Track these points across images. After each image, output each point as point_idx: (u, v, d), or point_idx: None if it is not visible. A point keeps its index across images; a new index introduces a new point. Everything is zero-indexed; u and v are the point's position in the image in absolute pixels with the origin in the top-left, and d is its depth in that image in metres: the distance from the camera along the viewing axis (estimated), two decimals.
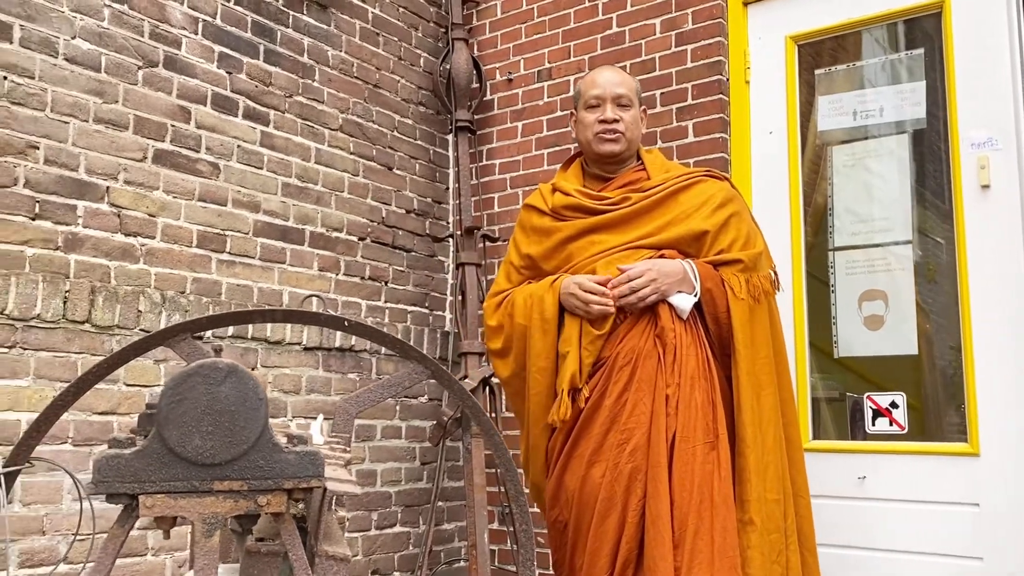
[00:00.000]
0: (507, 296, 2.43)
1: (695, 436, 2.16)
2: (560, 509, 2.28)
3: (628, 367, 2.20)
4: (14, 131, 2.37)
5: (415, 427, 3.44)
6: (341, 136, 3.31)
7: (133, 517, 1.24)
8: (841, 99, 3.06)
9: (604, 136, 2.35)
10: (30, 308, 2.31)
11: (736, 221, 2.34)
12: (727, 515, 2.14)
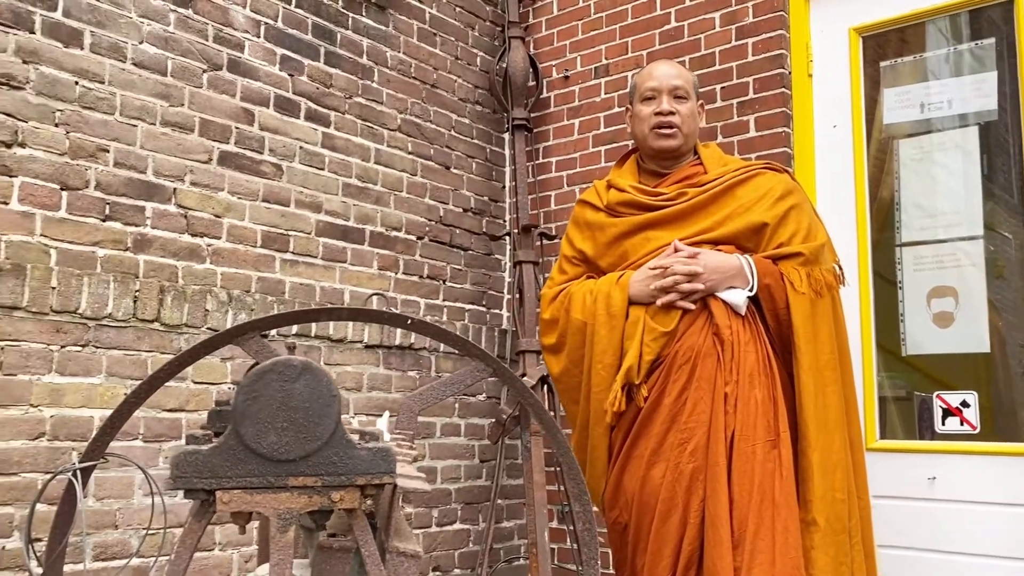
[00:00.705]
0: (563, 290, 2.41)
1: (755, 435, 2.12)
2: (620, 510, 2.26)
3: (687, 365, 2.17)
4: (85, 135, 2.43)
5: (474, 425, 3.45)
6: (399, 136, 3.33)
7: (210, 512, 1.26)
8: (908, 91, 2.99)
9: (660, 131, 2.31)
10: (102, 307, 2.37)
11: (796, 213, 2.29)
12: (789, 515, 2.10)
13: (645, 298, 2.22)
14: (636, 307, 2.24)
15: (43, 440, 2.25)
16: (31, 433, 2.23)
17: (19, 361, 2.22)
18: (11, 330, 2.21)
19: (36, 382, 2.25)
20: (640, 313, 2.22)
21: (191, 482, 1.22)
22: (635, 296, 2.24)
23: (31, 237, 2.30)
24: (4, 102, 2.27)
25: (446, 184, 3.51)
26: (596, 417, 2.27)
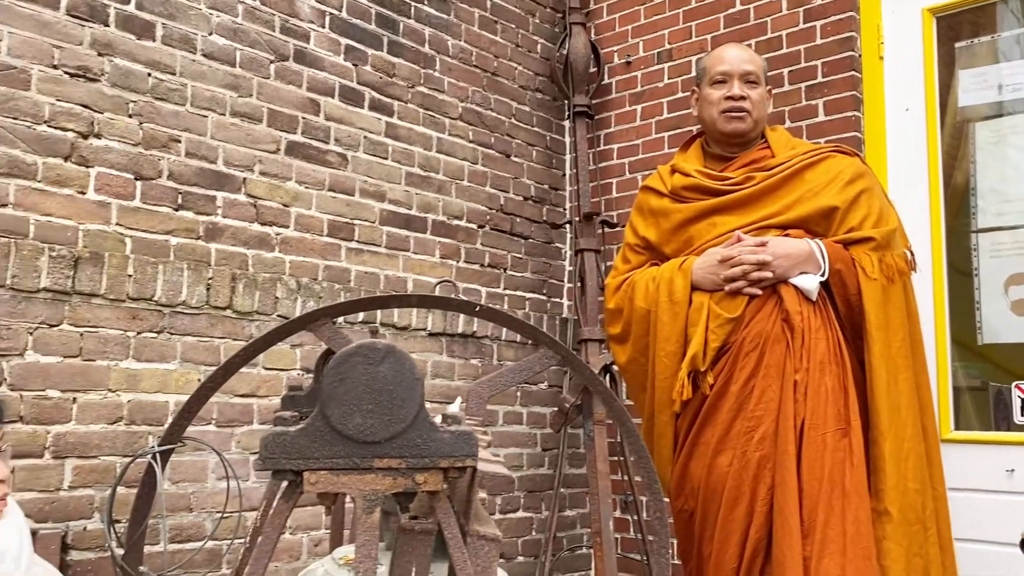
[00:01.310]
0: (627, 279, 2.40)
1: (825, 423, 2.10)
2: (685, 498, 2.26)
3: (755, 352, 2.15)
4: (158, 125, 2.48)
5: (536, 413, 3.46)
6: (460, 125, 3.34)
7: (297, 493, 1.29)
8: (984, 73, 2.91)
9: (730, 114, 2.29)
10: (176, 295, 2.42)
11: (867, 197, 2.25)
12: (860, 504, 2.07)
13: (709, 285, 2.21)
14: (700, 293, 2.22)
15: (121, 424, 2.31)
16: (109, 417, 2.29)
17: (98, 347, 2.28)
18: (90, 317, 2.27)
19: (114, 367, 2.31)
20: (704, 299, 2.21)
21: (279, 463, 1.25)
22: (699, 282, 2.23)
23: (107, 226, 2.36)
24: (80, 94, 2.33)
25: (506, 172, 3.51)
26: (661, 405, 2.27)
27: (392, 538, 1.50)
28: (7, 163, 2.19)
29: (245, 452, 2.54)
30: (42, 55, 2.27)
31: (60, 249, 2.23)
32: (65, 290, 2.22)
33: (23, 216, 2.21)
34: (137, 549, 1.87)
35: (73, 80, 2.32)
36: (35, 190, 2.24)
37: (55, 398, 2.20)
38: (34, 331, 2.18)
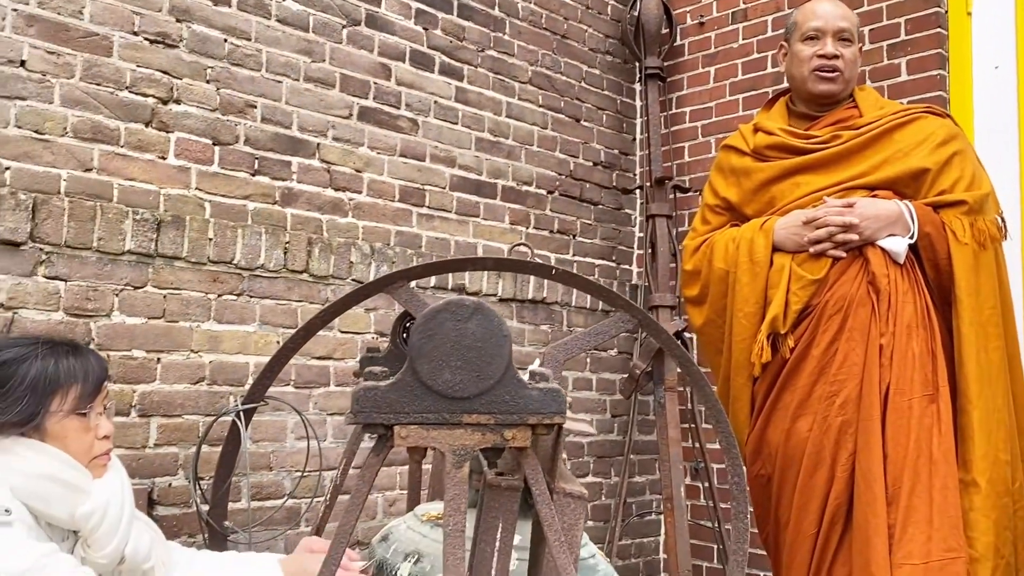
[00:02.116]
0: (705, 240, 2.38)
1: (912, 388, 2.06)
2: (762, 463, 2.24)
3: (839, 315, 2.12)
4: (234, 91, 2.52)
5: (605, 380, 3.46)
6: (530, 89, 3.33)
7: (387, 447, 1.31)
8: None
9: (822, 74, 2.24)
10: (255, 258, 2.47)
11: (960, 160, 2.19)
12: (948, 472, 2.04)
13: (793, 246, 2.17)
14: (781, 254, 2.19)
15: (203, 384, 2.37)
16: (192, 377, 2.35)
17: (180, 309, 2.34)
18: (173, 279, 2.33)
19: (196, 329, 2.37)
20: (786, 260, 2.17)
21: (371, 416, 1.27)
22: (781, 243, 2.19)
23: (187, 191, 2.41)
24: (160, 60, 2.37)
25: (576, 137, 3.49)
26: (738, 368, 2.25)
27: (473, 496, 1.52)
28: (91, 128, 2.24)
29: (323, 413, 2.59)
30: (123, 22, 2.31)
31: (143, 213, 2.28)
32: (149, 253, 2.28)
33: (107, 180, 2.27)
34: (221, 505, 1.93)
35: (153, 46, 2.36)
36: (118, 155, 2.29)
37: (140, 358, 2.27)
38: (120, 293, 2.24)
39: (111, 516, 1.59)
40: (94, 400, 1.63)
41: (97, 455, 1.63)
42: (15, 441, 1.52)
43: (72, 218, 2.15)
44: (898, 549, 1.99)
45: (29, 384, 1.54)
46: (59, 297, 2.14)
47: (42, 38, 2.17)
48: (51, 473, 1.52)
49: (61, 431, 1.57)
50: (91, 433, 1.62)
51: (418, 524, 1.64)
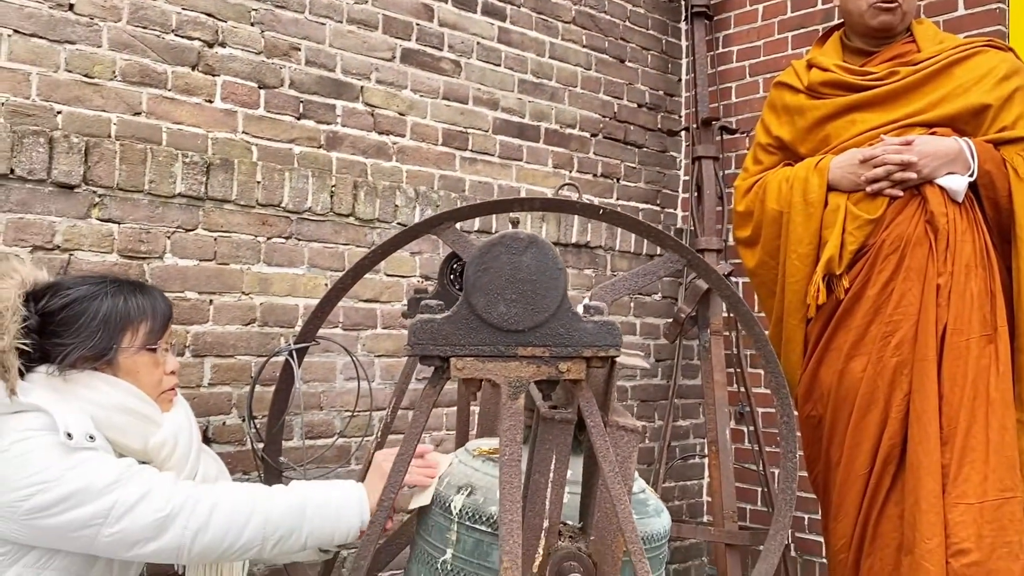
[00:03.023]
0: (758, 181, 2.36)
1: (969, 328, 2.05)
2: (814, 404, 2.25)
3: (895, 255, 2.11)
4: (278, 33, 2.52)
5: (649, 324, 3.47)
6: (574, 29, 3.29)
7: (444, 378, 1.34)
8: None
9: (880, 5, 2.20)
10: (302, 201, 2.50)
11: (1022, 95, 2.16)
12: (1006, 413, 2.04)
13: (848, 185, 2.15)
14: (836, 194, 2.18)
15: (254, 326, 2.42)
16: (244, 319, 2.40)
17: (231, 251, 2.38)
18: (223, 222, 2.37)
19: (246, 271, 2.41)
20: (841, 200, 2.16)
21: (427, 348, 1.29)
22: (836, 182, 2.17)
23: (234, 134, 2.43)
24: (205, 2, 2.38)
25: (620, 78, 3.46)
26: (791, 309, 2.25)
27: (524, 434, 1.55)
28: (139, 72, 2.27)
29: (370, 355, 2.64)
30: None
31: (192, 156, 2.31)
32: (199, 196, 2.32)
33: (156, 124, 2.30)
34: (275, 443, 1.98)
35: None
36: (166, 98, 2.32)
37: (193, 299, 2.32)
38: (171, 235, 2.28)
39: (181, 446, 1.65)
40: (162, 336, 1.68)
41: (165, 389, 1.69)
42: (91, 375, 1.57)
43: (123, 161, 2.19)
44: (952, 488, 1.99)
45: (101, 320, 1.59)
46: (113, 239, 2.19)
47: None
48: (126, 405, 1.58)
49: (133, 366, 1.62)
50: (160, 368, 1.68)
51: (470, 459, 1.68)
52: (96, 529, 1.44)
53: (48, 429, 1.46)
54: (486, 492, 1.54)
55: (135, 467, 1.51)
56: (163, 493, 1.49)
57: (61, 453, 1.45)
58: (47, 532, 1.45)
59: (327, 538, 1.59)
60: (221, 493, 1.55)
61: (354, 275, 1.90)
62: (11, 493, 1.43)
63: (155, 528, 1.46)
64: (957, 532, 1.97)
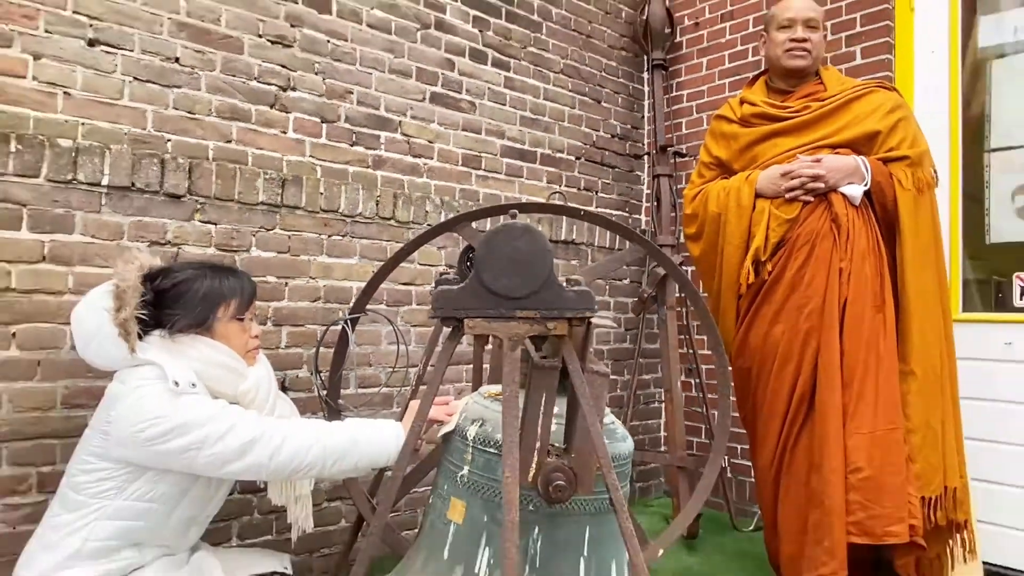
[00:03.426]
0: (701, 191, 2.35)
1: (864, 301, 2.04)
2: (744, 359, 2.24)
3: (807, 246, 2.10)
4: (336, 80, 2.52)
5: (620, 302, 3.46)
6: (562, 78, 3.27)
7: (459, 334, 1.34)
8: (1002, 17, 2.67)
9: (794, 52, 2.18)
10: (354, 208, 2.49)
11: (904, 124, 2.14)
12: (891, 366, 2.03)
13: (772, 193, 2.15)
14: (762, 200, 2.17)
15: (319, 302, 2.42)
16: (311, 297, 2.40)
17: (301, 246, 2.38)
18: (295, 224, 2.36)
19: (312, 261, 2.40)
20: (766, 204, 2.15)
21: (446, 312, 1.29)
22: (762, 190, 2.16)
23: (303, 157, 2.43)
24: (280, 56, 2.38)
25: (597, 115, 3.44)
26: (727, 287, 2.24)
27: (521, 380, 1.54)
28: (230, 110, 2.26)
29: (407, 325, 2.63)
30: (250, 26, 2.31)
31: (271, 173, 2.31)
32: (276, 204, 2.31)
33: (243, 149, 2.29)
34: (335, 391, 1.98)
35: (273, 46, 2.36)
36: (250, 130, 2.31)
37: (273, 282, 2.32)
38: (256, 234, 2.28)
39: (262, 392, 1.66)
40: (248, 310, 1.68)
41: (250, 349, 1.70)
42: (194, 338, 1.58)
43: (218, 177, 2.19)
44: (850, 423, 1.99)
45: (202, 296, 1.59)
46: (211, 236, 2.19)
47: (190, 40, 2.18)
48: (220, 361, 1.58)
49: (225, 332, 1.63)
50: (246, 334, 1.68)
51: (482, 399, 1.68)
52: (196, 452, 1.45)
53: (160, 378, 1.47)
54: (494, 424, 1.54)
55: (226, 407, 1.52)
56: (246, 426, 1.49)
57: (169, 396, 1.45)
58: (159, 456, 1.45)
59: (372, 462, 1.60)
60: (291, 427, 1.55)
61: (393, 263, 1.90)
62: (131, 427, 1.44)
63: (239, 452, 1.47)
64: (853, 455, 1.97)
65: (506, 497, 1.25)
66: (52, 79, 1.94)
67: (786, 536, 2.10)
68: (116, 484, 1.47)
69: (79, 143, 1.96)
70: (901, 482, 1.94)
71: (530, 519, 1.44)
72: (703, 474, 1.95)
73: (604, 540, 1.52)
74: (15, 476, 1.84)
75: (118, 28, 2.04)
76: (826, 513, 1.96)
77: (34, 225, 1.89)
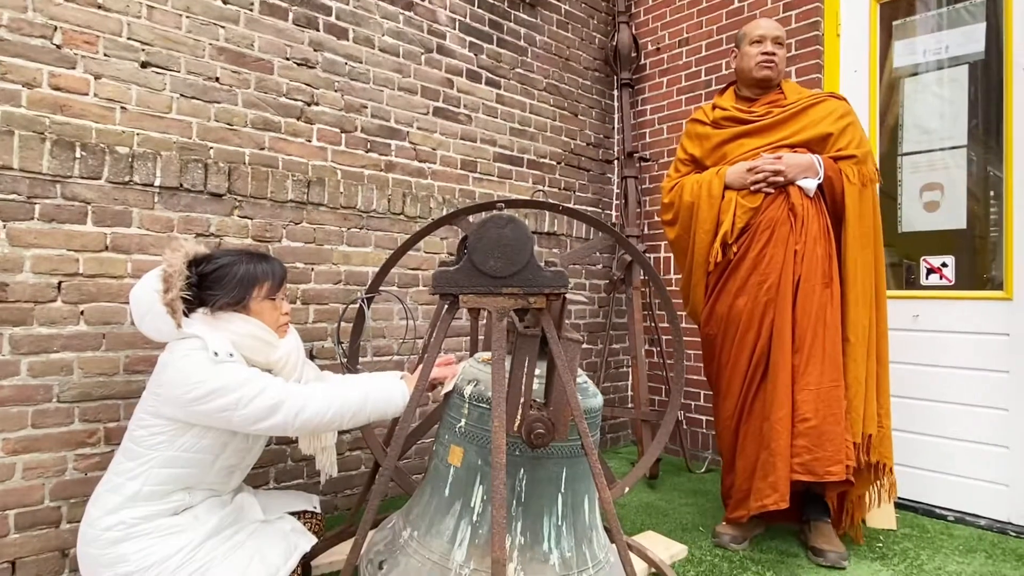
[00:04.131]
0: (677, 183, 2.33)
1: (815, 278, 2.03)
2: (712, 326, 2.23)
3: (768, 231, 2.08)
4: (354, 96, 2.49)
5: (594, 284, 3.45)
6: (544, 94, 3.25)
7: (455, 308, 1.33)
8: (913, 42, 2.66)
9: (763, 64, 2.17)
10: (369, 205, 2.47)
11: (852, 128, 2.13)
12: (835, 333, 2.02)
13: (739, 185, 2.13)
14: (730, 191, 2.15)
15: (340, 284, 2.40)
16: (333, 280, 2.39)
17: (324, 237, 2.36)
18: (319, 218, 2.34)
19: (334, 250, 2.39)
20: (733, 195, 2.13)
21: (444, 288, 1.29)
22: (730, 183, 2.15)
23: (325, 162, 2.41)
24: (305, 76, 2.35)
25: (575, 126, 3.42)
26: (698, 264, 2.22)
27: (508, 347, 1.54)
28: (263, 122, 2.24)
29: (415, 303, 2.62)
30: (279, 50, 2.28)
31: (298, 176, 2.29)
32: (303, 201, 2.29)
33: (274, 155, 2.27)
34: (354, 359, 1.98)
35: (299, 67, 2.33)
36: (281, 139, 2.29)
37: (301, 268, 2.30)
38: (286, 227, 2.26)
39: (291, 360, 1.65)
40: (279, 290, 1.67)
41: (281, 324, 1.68)
42: (232, 315, 1.57)
43: (253, 179, 2.17)
44: (800, 380, 1.99)
45: (239, 279, 1.58)
46: (248, 229, 2.17)
47: (228, 62, 2.15)
48: (255, 335, 1.57)
49: (260, 309, 1.62)
50: (278, 311, 1.67)
51: (477, 363, 1.67)
52: (231, 412, 1.44)
53: (202, 349, 1.46)
54: (486, 383, 1.55)
55: (259, 374, 1.51)
56: (274, 391, 1.49)
57: (210, 364, 1.45)
58: (202, 415, 1.45)
59: (382, 415, 1.60)
60: (313, 391, 1.55)
61: (402, 251, 1.89)
62: (178, 389, 1.43)
63: (268, 411, 1.47)
64: (802, 407, 1.98)
65: (495, 443, 1.26)
66: (111, 96, 1.91)
67: (741, 475, 2.11)
68: (167, 438, 1.47)
69: (135, 150, 1.94)
70: (841, 430, 1.95)
71: (516, 461, 1.45)
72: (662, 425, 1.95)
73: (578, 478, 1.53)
74: (86, 431, 1.84)
75: (166, 52, 2.01)
76: (772, 454, 1.97)
77: (98, 220, 1.87)
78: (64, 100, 1.83)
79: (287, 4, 2.29)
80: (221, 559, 1.47)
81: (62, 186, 1.82)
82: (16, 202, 1.76)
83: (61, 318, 1.81)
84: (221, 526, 1.52)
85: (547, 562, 1.43)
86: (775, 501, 1.95)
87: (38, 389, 1.78)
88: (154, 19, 2.00)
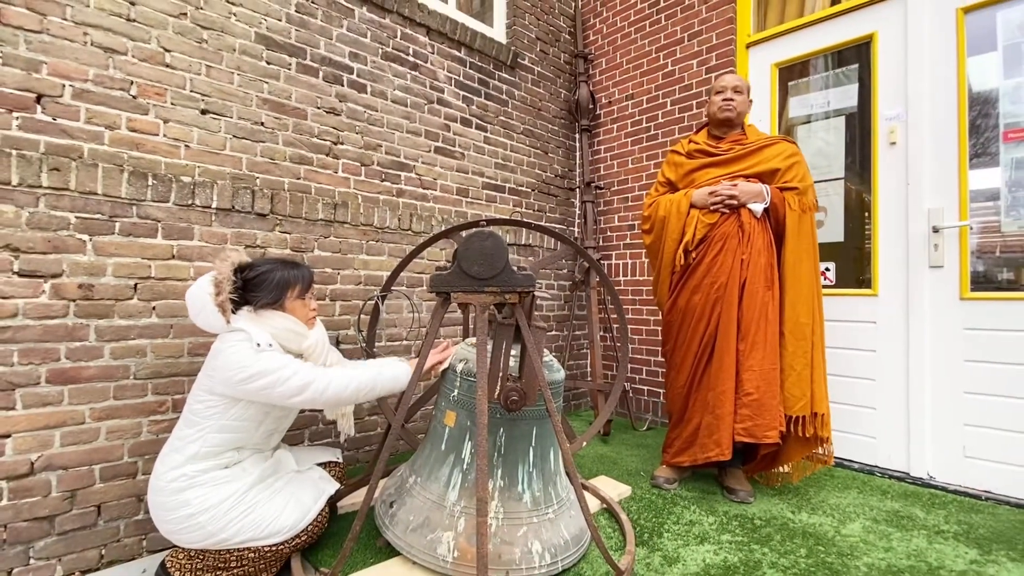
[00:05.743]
0: (655, 201, 2.30)
1: (758, 282, 2.02)
2: (672, 315, 2.20)
3: (720, 242, 2.07)
4: (371, 138, 2.47)
5: (560, 284, 3.46)
6: (522, 136, 3.25)
7: (447, 303, 1.33)
8: (804, 98, 2.71)
9: (724, 107, 2.17)
10: (383, 222, 2.46)
11: (797, 166, 2.11)
12: (774, 327, 2.01)
13: (701, 205, 2.12)
14: (694, 209, 2.13)
15: (360, 285, 2.38)
16: (355, 282, 2.37)
17: (348, 248, 2.33)
18: (344, 233, 2.32)
19: (355, 258, 2.37)
20: (696, 213, 2.12)
21: (440, 287, 1.29)
22: (695, 203, 2.13)
23: (349, 189, 2.39)
24: (332, 121, 2.33)
25: (546, 162, 3.42)
26: (665, 266, 2.20)
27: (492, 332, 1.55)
28: (298, 157, 2.22)
29: (420, 300, 2.61)
30: (310, 101, 2.26)
31: (327, 200, 2.27)
32: (331, 220, 2.27)
33: (307, 183, 2.25)
34: (371, 344, 1.97)
35: (327, 114, 2.32)
36: (312, 170, 2.27)
37: (329, 272, 2.28)
38: (317, 240, 2.24)
39: (319, 348, 1.64)
40: (308, 291, 1.66)
41: (310, 318, 1.67)
42: (271, 313, 1.56)
43: (291, 202, 2.15)
44: (744, 361, 1.98)
45: (276, 283, 1.57)
46: (287, 241, 2.15)
47: (270, 110, 2.13)
48: (290, 327, 1.57)
49: (292, 307, 1.61)
50: (307, 307, 1.66)
51: (466, 346, 1.68)
52: (270, 390, 1.43)
53: (247, 340, 1.45)
54: (473, 361, 1.55)
55: (293, 360, 1.50)
56: (304, 374, 1.48)
57: (253, 352, 1.44)
58: (247, 392, 1.44)
59: (391, 389, 1.59)
60: (336, 373, 1.55)
61: (409, 258, 1.88)
62: (227, 372, 1.42)
63: (299, 389, 1.46)
64: (747, 384, 1.97)
65: (479, 408, 1.26)
66: (176, 136, 1.89)
67: (686, 431, 2.10)
68: (219, 410, 1.45)
69: (196, 179, 1.91)
70: (776, 403, 1.95)
71: (496, 422, 1.45)
72: (611, 393, 1.96)
73: (545, 435, 1.54)
74: (157, 401, 1.81)
75: (221, 102, 1.99)
76: (716, 418, 1.97)
77: (166, 235, 1.84)
78: (139, 139, 1.81)
79: (318, 64, 2.27)
80: (265, 502, 1.46)
81: (137, 208, 1.79)
82: (100, 220, 1.73)
83: (137, 312, 1.78)
84: (263, 476, 1.51)
85: (521, 500, 1.44)
86: (717, 454, 1.95)
87: (118, 369, 1.75)
88: (211, 76, 1.98)
